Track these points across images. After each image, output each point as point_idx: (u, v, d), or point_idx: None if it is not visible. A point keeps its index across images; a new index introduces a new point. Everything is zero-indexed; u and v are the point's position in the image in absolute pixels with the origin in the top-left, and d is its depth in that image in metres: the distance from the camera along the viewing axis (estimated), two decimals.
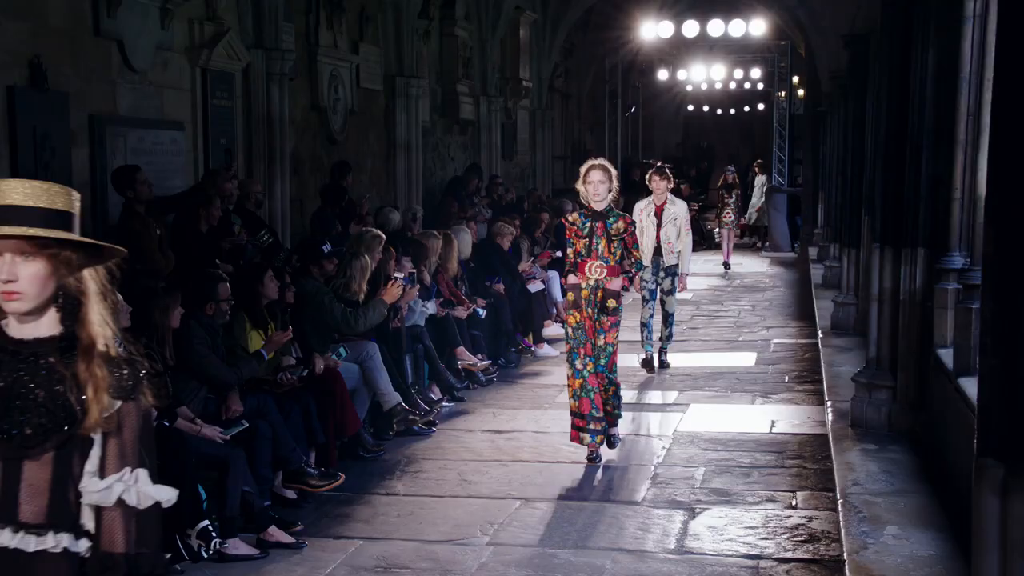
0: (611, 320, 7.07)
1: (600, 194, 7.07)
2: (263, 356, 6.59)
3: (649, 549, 5.65)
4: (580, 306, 7.07)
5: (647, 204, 10.15)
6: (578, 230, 7.13)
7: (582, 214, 7.18)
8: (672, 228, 10.02)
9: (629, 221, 7.24)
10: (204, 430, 5.81)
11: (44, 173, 7.26)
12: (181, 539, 5.32)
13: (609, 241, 7.08)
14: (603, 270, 7.07)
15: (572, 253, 7.18)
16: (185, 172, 8.99)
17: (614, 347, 7.14)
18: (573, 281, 7.15)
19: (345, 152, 11.96)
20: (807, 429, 8.02)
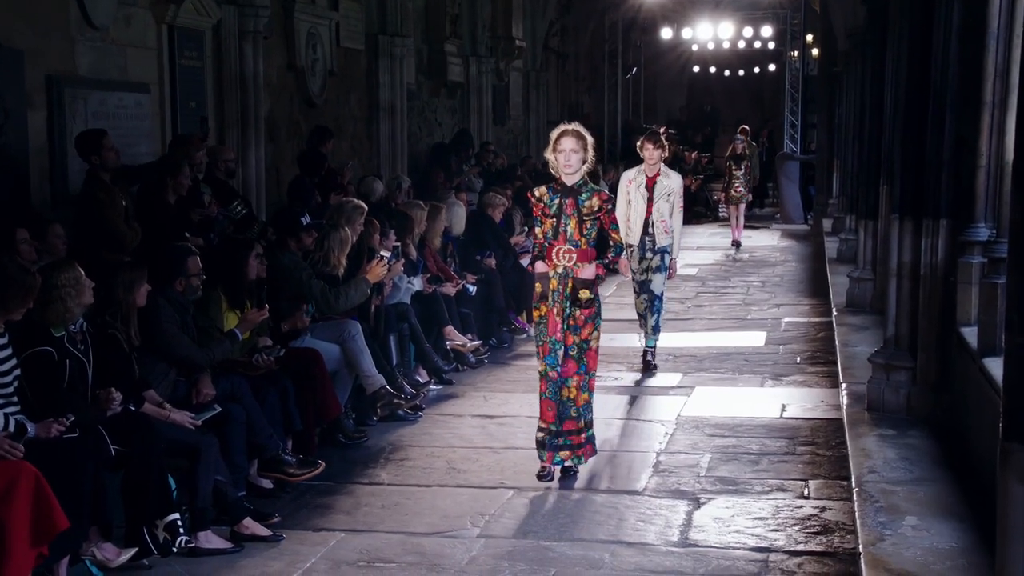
0: (586, 313, 6.51)
1: (572, 165, 6.44)
2: (237, 336, 6.57)
3: (651, 542, 5.66)
4: (548, 297, 6.53)
5: (637, 175, 9.42)
6: (545, 207, 6.54)
7: (551, 188, 6.56)
8: (665, 203, 9.30)
9: (605, 198, 6.56)
10: (173, 415, 5.79)
11: None
12: (148, 531, 5.31)
13: (580, 221, 6.46)
14: (572, 255, 6.47)
15: (540, 234, 6.61)
16: (151, 138, 8.94)
17: (591, 345, 6.55)
18: (540, 269, 6.58)
19: (324, 116, 11.90)
20: (820, 413, 8.03)
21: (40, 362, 5.14)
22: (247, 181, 10.11)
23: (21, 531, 4.43)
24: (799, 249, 18.32)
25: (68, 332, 5.29)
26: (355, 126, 13.15)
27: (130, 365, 5.74)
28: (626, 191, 9.33)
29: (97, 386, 5.40)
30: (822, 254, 15.48)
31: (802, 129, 23.46)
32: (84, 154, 7.28)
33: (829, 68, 20.14)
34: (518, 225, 12.11)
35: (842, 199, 16.49)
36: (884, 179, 8.87)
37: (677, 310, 12.60)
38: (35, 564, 4.58)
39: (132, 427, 5.38)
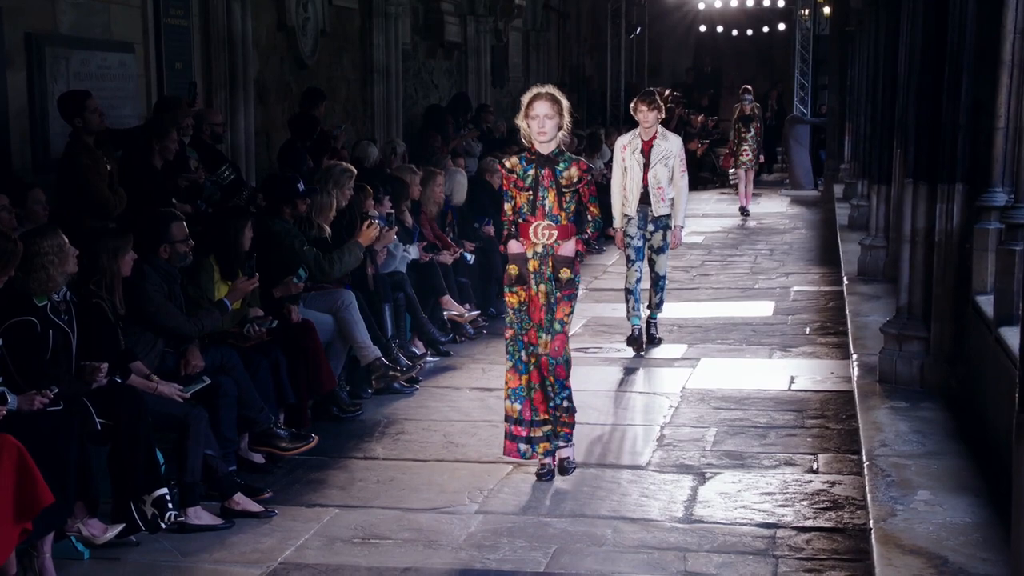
0: (567, 292, 6.15)
1: (546, 132, 6.04)
2: (226, 306, 6.57)
3: (654, 517, 5.67)
4: (526, 281, 6.16)
5: (632, 139, 8.98)
6: (518, 179, 6.14)
7: (523, 158, 6.17)
8: (663, 169, 8.86)
9: (584, 167, 6.17)
10: (161, 387, 5.79)
11: None
12: (136, 507, 5.32)
13: (559, 194, 6.08)
14: (552, 232, 6.10)
15: (511, 210, 6.21)
16: (136, 100, 8.89)
17: (563, 326, 6.15)
18: (516, 249, 6.18)
19: (316, 78, 11.85)
20: (830, 385, 8.04)
21: (22, 332, 5.13)
22: (236, 146, 10.08)
23: (4, 506, 4.44)
24: (809, 216, 18.30)
25: (51, 301, 5.28)
26: (348, 88, 13.10)
27: (116, 336, 5.73)
28: (621, 158, 8.98)
29: (82, 357, 5.40)
30: (833, 221, 15.47)
31: (813, 91, 23.37)
32: (67, 116, 7.24)
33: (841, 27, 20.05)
34: None
35: (854, 164, 16.45)
36: (898, 142, 8.84)
37: (682, 279, 12.61)
38: (19, 540, 4.59)
39: (118, 400, 5.38)
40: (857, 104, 16.24)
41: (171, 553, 5.34)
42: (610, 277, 12.42)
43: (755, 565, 5.08)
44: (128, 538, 5.34)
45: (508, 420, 6.25)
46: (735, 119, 18.64)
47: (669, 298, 11.30)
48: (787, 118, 22.65)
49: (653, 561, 5.15)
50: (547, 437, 6.20)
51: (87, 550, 5.25)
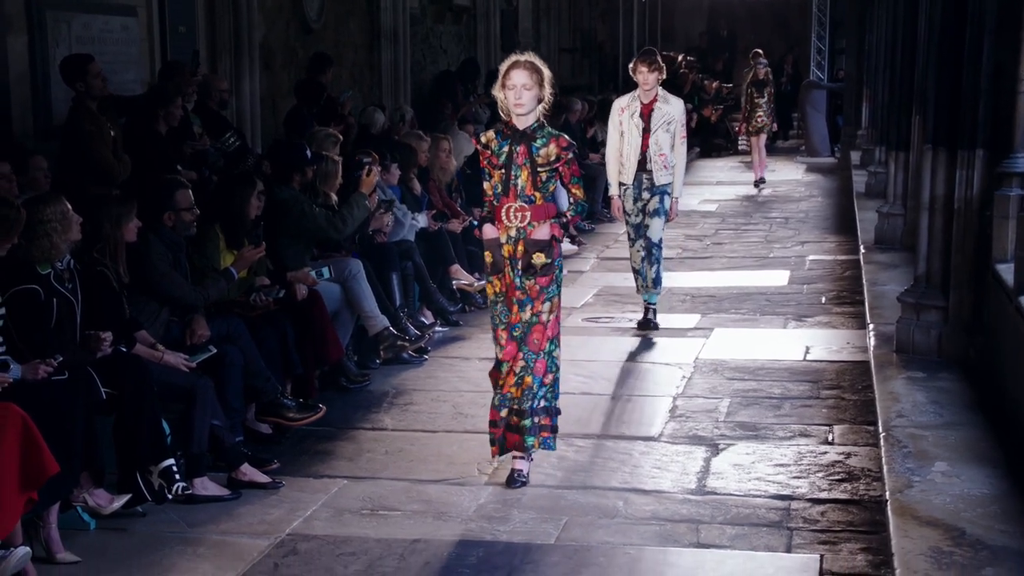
0: (543, 283, 5.66)
1: (523, 104, 5.55)
2: (232, 274, 6.58)
3: (667, 489, 5.69)
4: (502, 269, 5.70)
5: (630, 101, 8.56)
6: (492, 156, 5.67)
7: (499, 133, 5.69)
8: (664, 135, 8.45)
9: (565, 145, 5.65)
10: (167, 357, 5.81)
11: None
12: (142, 477, 5.35)
13: (534, 173, 5.59)
14: (525, 214, 5.63)
15: (489, 189, 5.74)
16: (139, 64, 8.89)
17: (540, 320, 5.68)
18: (489, 234, 5.72)
19: (323, 43, 11.82)
20: (846, 356, 8.04)
21: (26, 301, 5.15)
22: (241, 112, 10.07)
23: (9, 475, 4.46)
24: (825, 183, 18.24)
25: (55, 270, 5.29)
26: (355, 54, 13.06)
27: (120, 304, 5.75)
28: (618, 121, 8.58)
29: (86, 326, 5.41)
30: (849, 188, 15.43)
31: (829, 56, 23.21)
32: (69, 81, 7.24)
33: None
34: None
35: (871, 130, 16.39)
36: (917, 108, 8.80)
37: (695, 248, 12.60)
38: (25, 510, 4.62)
39: (123, 369, 5.40)
40: (875, 69, 16.16)
41: (178, 524, 5.37)
42: (621, 246, 12.34)
43: (769, 537, 5.10)
44: (134, 509, 5.38)
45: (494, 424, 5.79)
46: (747, 84, 18.28)
47: (681, 267, 11.36)
48: (803, 83, 22.52)
49: (665, 533, 5.17)
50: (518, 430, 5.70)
51: (93, 520, 5.29)
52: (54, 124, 7.69)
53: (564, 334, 8.67)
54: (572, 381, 7.52)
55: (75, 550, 5.00)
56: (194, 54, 9.27)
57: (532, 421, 5.70)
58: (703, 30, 30.70)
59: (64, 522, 5.08)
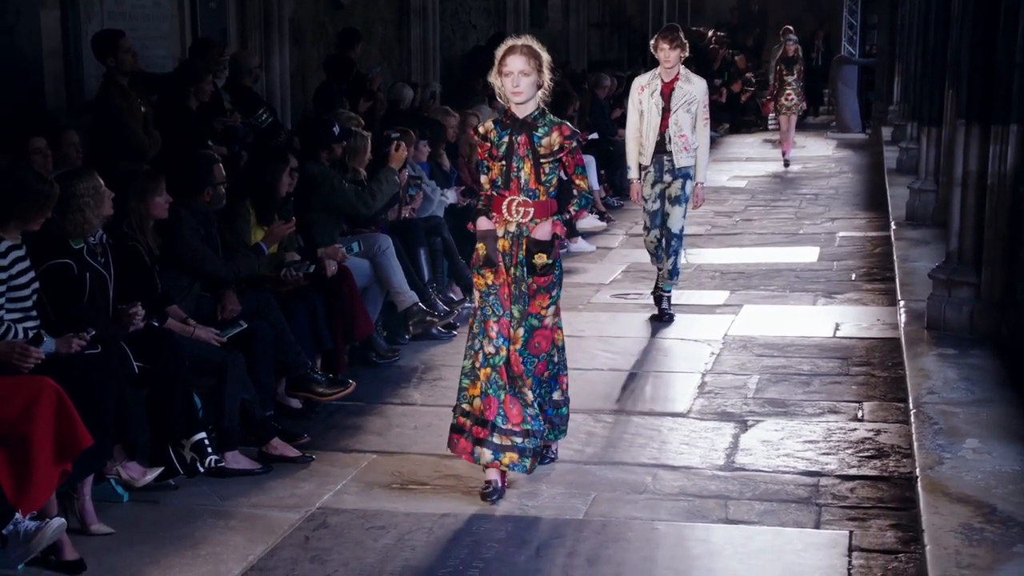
0: (541, 282, 5.35)
1: (522, 91, 5.24)
2: (263, 250, 6.60)
3: (695, 465, 5.68)
4: (495, 263, 5.38)
5: (650, 80, 8.17)
6: (492, 147, 5.36)
7: (498, 123, 5.41)
8: (685, 115, 8.05)
9: (568, 133, 5.32)
10: (198, 332, 5.85)
11: (7, 38, 7.22)
12: (175, 451, 5.39)
13: (537, 165, 5.28)
14: (528, 210, 5.32)
15: (487, 183, 5.45)
16: (170, 40, 8.91)
17: (544, 321, 5.40)
18: (484, 226, 5.39)
19: (352, 18, 11.81)
20: (876, 333, 7.99)
21: (59, 275, 5.18)
22: (271, 87, 10.08)
23: (44, 447, 4.51)
24: (856, 159, 18.10)
25: (87, 244, 5.32)
26: (385, 29, 13.04)
27: (152, 279, 5.78)
28: (637, 100, 8.18)
29: (119, 301, 5.45)
30: (880, 164, 15.31)
31: (861, 31, 23.01)
32: (100, 56, 7.27)
33: None
34: None
35: (903, 105, 16.24)
36: (950, 83, 8.71)
37: (724, 224, 12.56)
38: (59, 482, 4.66)
39: (155, 344, 5.44)
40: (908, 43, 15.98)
41: (209, 497, 5.41)
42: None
43: (798, 513, 5.09)
44: (167, 482, 5.42)
45: (463, 416, 5.42)
46: (776, 61, 17.73)
47: (710, 243, 11.33)
48: (834, 58, 22.31)
49: (694, 509, 5.17)
50: (513, 447, 5.31)
51: (126, 493, 5.34)
52: (86, 100, 7.72)
53: (589, 312, 8.81)
54: (601, 357, 7.54)
55: (109, 522, 5.05)
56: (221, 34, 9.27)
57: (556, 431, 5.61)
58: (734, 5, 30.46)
59: (98, 494, 5.14)
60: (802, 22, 24.69)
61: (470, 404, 5.40)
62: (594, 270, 10.37)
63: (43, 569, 4.60)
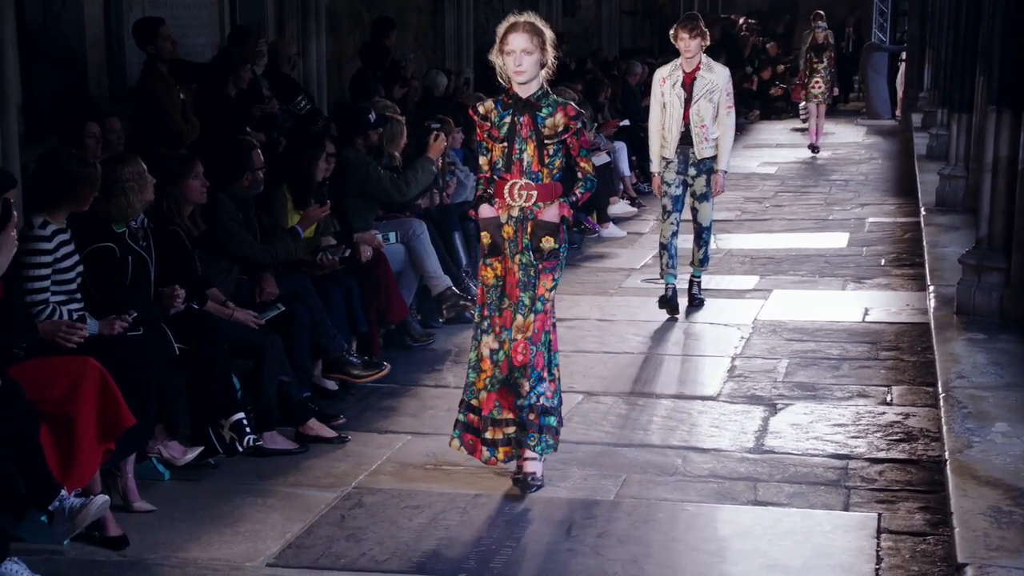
0: (547, 265, 5.13)
1: (524, 70, 4.98)
2: (299, 233, 6.63)
3: (725, 447, 5.68)
4: (501, 251, 5.16)
5: (672, 71, 7.92)
6: (492, 128, 5.11)
7: (499, 103, 5.13)
8: (707, 105, 7.81)
9: (573, 114, 5.06)
10: (237, 314, 5.88)
11: (53, 26, 7.27)
12: (214, 431, 5.43)
13: (541, 146, 5.02)
14: (531, 193, 5.08)
15: (487, 165, 5.20)
16: (209, 28, 8.94)
17: (544, 303, 5.14)
18: (487, 213, 5.16)
19: (387, 7, 11.81)
20: (905, 317, 7.95)
21: (102, 259, 5.23)
22: (307, 75, 10.10)
23: (88, 427, 4.56)
24: (885, 146, 17.95)
25: (129, 228, 5.36)
26: (419, 17, 13.03)
27: (192, 263, 5.81)
28: (659, 92, 7.95)
29: (160, 284, 5.49)
30: (910, 151, 15.17)
31: (892, 17, 22.80)
32: (141, 43, 7.31)
33: None
34: (588, 122, 11.98)
35: (933, 92, 16.08)
36: (981, 69, 8.62)
37: (754, 210, 12.50)
38: (103, 460, 4.71)
39: (195, 326, 5.47)
40: (938, 30, 15.83)
41: (248, 476, 5.45)
42: None
43: (827, 495, 5.07)
44: (207, 461, 5.46)
45: (469, 411, 5.26)
46: (806, 48, 17.32)
47: (740, 229, 11.28)
48: (865, 45, 22.12)
49: (723, 490, 5.16)
50: (509, 441, 5.18)
51: (167, 471, 5.39)
52: (128, 87, 7.76)
53: (620, 296, 8.80)
54: (632, 341, 7.54)
55: (151, 499, 5.10)
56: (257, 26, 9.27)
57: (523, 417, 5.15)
58: None
59: (140, 472, 5.19)
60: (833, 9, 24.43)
61: (478, 399, 5.22)
62: (625, 255, 10.35)
63: (88, 545, 4.65)
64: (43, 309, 4.92)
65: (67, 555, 4.59)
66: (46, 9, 7.13)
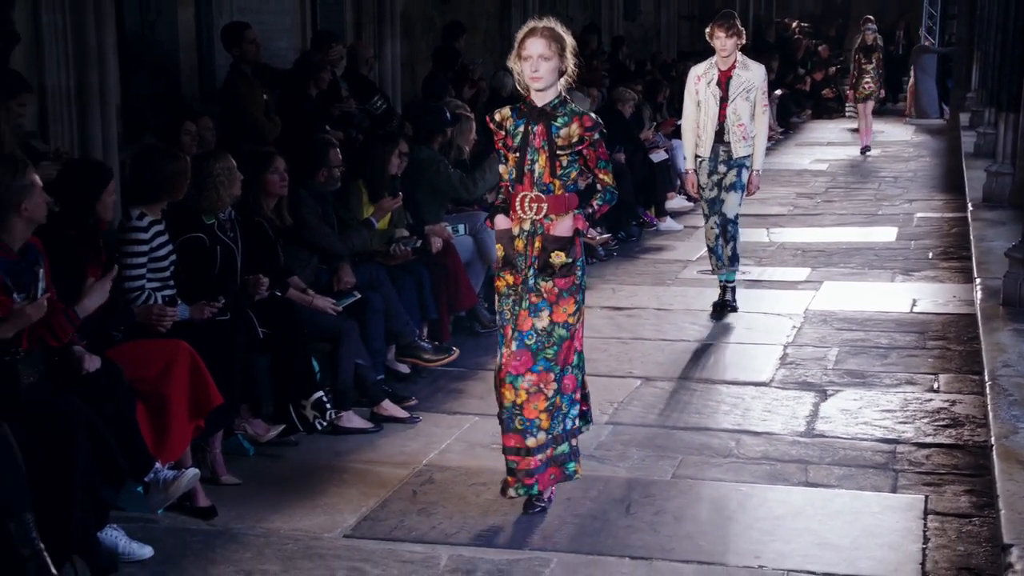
0: (561, 284, 4.62)
1: (541, 77, 4.52)
2: (373, 223, 6.67)
3: (777, 431, 5.63)
4: (513, 263, 4.68)
5: (707, 69, 7.57)
6: (507, 137, 4.64)
7: (515, 111, 4.66)
8: (744, 103, 7.44)
9: (590, 124, 4.57)
10: (316, 301, 5.93)
11: (149, 33, 7.38)
12: (296, 410, 5.49)
13: (553, 157, 4.55)
14: (541, 206, 4.60)
15: (504, 173, 4.73)
16: (292, 33, 9.03)
17: (571, 331, 4.68)
18: (501, 225, 4.70)
19: (457, 12, 11.83)
20: (952, 308, 7.82)
21: (193, 248, 5.30)
22: (383, 76, 10.17)
23: (180, 405, 4.64)
24: (934, 144, 17.64)
25: (218, 220, 5.43)
26: (488, 22, 13.04)
27: (276, 253, 5.87)
28: (694, 91, 7.60)
29: (246, 272, 5.55)
30: (958, 149, 14.90)
31: (941, 20, 22.37)
32: (227, 46, 7.41)
33: None
34: (648, 120, 11.93)
35: (981, 92, 15.77)
36: None
37: (806, 205, 12.36)
38: (193, 436, 4.79)
39: (278, 312, 5.53)
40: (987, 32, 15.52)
41: (326, 453, 5.50)
42: None
43: (875, 477, 5.01)
44: (288, 438, 5.53)
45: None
46: (856, 49, 16.98)
47: (792, 223, 11.16)
48: (914, 48, 21.75)
49: (775, 472, 5.12)
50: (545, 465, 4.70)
51: (252, 447, 5.46)
52: (216, 89, 7.86)
53: (677, 287, 8.74)
54: (688, 330, 7.50)
55: (236, 473, 5.17)
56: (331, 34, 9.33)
57: (570, 445, 4.77)
58: None
59: (227, 448, 5.26)
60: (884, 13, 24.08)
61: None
62: (681, 247, 10.29)
63: (180, 514, 4.73)
64: (139, 295, 5.01)
65: (161, 523, 4.66)
66: (143, 17, 7.24)
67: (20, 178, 4.19)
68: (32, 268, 4.26)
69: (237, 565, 4.33)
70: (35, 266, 4.27)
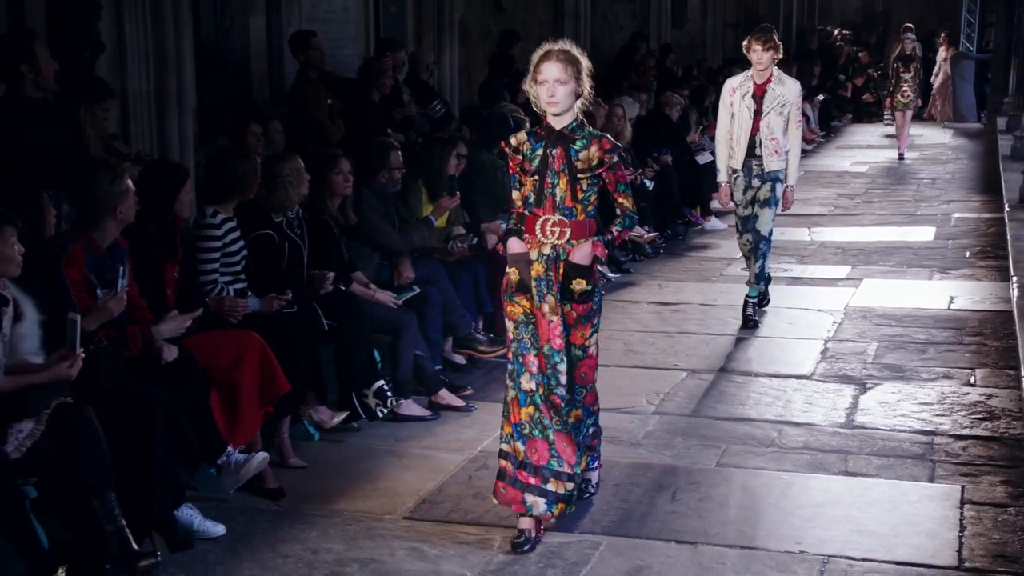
0: (580, 311, 4.41)
1: (558, 101, 4.26)
2: (431, 221, 6.69)
3: (817, 422, 5.57)
4: (529, 289, 4.38)
5: (743, 81, 7.25)
6: (525, 161, 4.37)
7: (532, 134, 4.41)
8: (777, 118, 7.11)
9: (608, 147, 4.31)
10: (378, 295, 5.96)
11: (224, 40, 7.46)
12: (358, 398, 5.53)
13: (574, 181, 4.30)
14: (564, 231, 4.34)
15: (518, 199, 4.43)
16: (356, 41, 9.08)
17: (586, 352, 4.48)
18: (516, 248, 4.40)
19: (512, 20, 11.84)
20: (988, 306, 7.68)
21: (263, 244, 5.36)
22: (442, 81, 10.19)
23: (251, 392, 4.69)
24: (971, 147, 17.34)
25: (286, 218, 5.48)
26: (541, 30, 12.99)
27: (340, 249, 5.91)
28: (728, 103, 7.26)
29: (312, 267, 5.59)
30: (995, 152, 14.64)
31: (979, 28, 21.98)
32: (295, 52, 7.48)
33: None
34: (694, 124, 11.86)
35: (1018, 97, 15.50)
36: None
37: (847, 205, 12.22)
38: (262, 421, 4.84)
39: (342, 305, 5.57)
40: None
41: (387, 439, 5.53)
42: None
43: (913, 468, 4.95)
44: (351, 425, 5.56)
45: (505, 460, 4.40)
46: (894, 58, 16.45)
47: (833, 223, 11.03)
48: (953, 54, 21.39)
49: (816, 462, 5.07)
50: (568, 498, 4.35)
51: (317, 432, 5.50)
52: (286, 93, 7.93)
53: (722, 283, 8.67)
54: (732, 324, 7.44)
55: (303, 457, 5.21)
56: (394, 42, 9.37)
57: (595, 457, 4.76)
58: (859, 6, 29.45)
59: (294, 433, 5.31)
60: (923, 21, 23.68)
61: (509, 444, 4.40)
62: (725, 246, 10.20)
63: (250, 495, 4.77)
64: (212, 288, 5.07)
65: (233, 503, 4.71)
66: (218, 25, 7.31)
67: (118, 184, 4.30)
68: (116, 265, 4.33)
69: (303, 544, 4.37)
70: (119, 264, 4.35)
